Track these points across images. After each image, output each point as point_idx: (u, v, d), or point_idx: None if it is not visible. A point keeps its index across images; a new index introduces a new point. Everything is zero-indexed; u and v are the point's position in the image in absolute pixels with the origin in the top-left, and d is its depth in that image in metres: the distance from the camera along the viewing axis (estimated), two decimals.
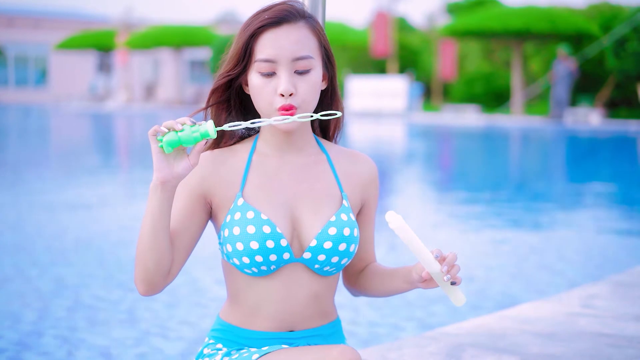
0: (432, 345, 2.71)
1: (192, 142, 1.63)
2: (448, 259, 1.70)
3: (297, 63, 1.73)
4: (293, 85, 1.72)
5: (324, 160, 1.87)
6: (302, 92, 1.73)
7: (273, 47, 1.72)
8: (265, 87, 1.73)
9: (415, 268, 1.79)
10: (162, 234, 1.69)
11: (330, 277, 1.84)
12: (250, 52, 1.75)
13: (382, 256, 4.97)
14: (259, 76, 1.74)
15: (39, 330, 3.62)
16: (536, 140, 17.80)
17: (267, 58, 1.72)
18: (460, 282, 1.72)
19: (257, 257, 1.74)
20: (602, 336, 2.86)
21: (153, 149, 1.64)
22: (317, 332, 1.85)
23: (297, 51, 1.73)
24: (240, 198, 1.77)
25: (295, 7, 1.78)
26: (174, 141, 1.63)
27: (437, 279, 1.72)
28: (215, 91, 1.82)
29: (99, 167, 11.69)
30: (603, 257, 5.47)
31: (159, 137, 1.64)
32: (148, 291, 1.74)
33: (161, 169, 1.64)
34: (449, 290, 1.74)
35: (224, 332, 1.86)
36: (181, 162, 1.66)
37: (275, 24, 1.73)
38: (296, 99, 1.73)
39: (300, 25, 1.75)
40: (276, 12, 1.74)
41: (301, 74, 1.74)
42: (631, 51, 20.05)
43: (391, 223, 1.68)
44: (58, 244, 5.63)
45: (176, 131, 1.63)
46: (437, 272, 1.71)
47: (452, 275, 1.70)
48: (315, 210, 1.80)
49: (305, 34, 1.75)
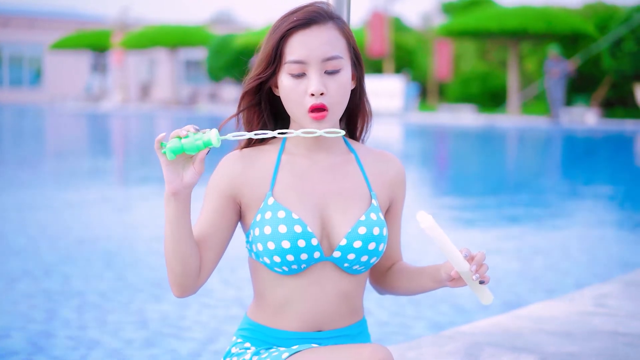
0: (449, 345, 2.71)
1: (195, 150, 1.63)
2: (477, 258, 1.71)
3: (327, 63, 1.74)
4: (324, 85, 1.73)
5: (352, 159, 1.87)
6: (333, 91, 1.74)
7: (303, 48, 1.73)
8: (296, 88, 1.74)
9: (444, 267, 1.79)
10: (184, 241, 1.72)
11: (358, 275, 1.84)
12: (281, 54, 1.75)
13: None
14: (290, 77, 1.74)
15: (50, 331, 3.62)
16: (534, 140, 17.84)
17: (298, 59, 1.73)
18: (489, 281, 1.73)
19: (289, 256, 1.74)
20: (617, 335, 2.87)
21: (161, 161, 1.66)
22: (345, 332, 1.85)
23: (326, 52, 1.74)
24: (270, 197, 1.78)
25: (323, 8, 1.79)
26: (177, 148, 1.63)
27: (466, 278, 1.73)
28: (245, 95, 1.82)
29: (98, 167, 11.67)
30: (608, 257, 5.48)
31: (163, 144, 1.64)
32: (182, 294, 1.77)
33: (171, 181, 1.67)
34: (478, 289, 1.75)
35: (252, 331, 1.86)
36: (188, 171, 1.67)
37: (305, 25, 1.74)
38: (327, 99, 1.73)
39: (329, 26, 1.76)
40: (305, 13, 1.75)
41: (331, 74, 1.75)
42: (627, 51, 20.11)
43: (422, 223, 1.69)
44: (62, 244, 5.62)
45: (179, 138, 1.63)
46: (466, 271, 1.72)
47: (480, 274, 1.71)
48: (345, 209, 1.80)
49: (334, 35, 1.76)
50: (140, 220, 6.77)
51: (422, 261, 4.78)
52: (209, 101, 36.18)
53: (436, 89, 30.47)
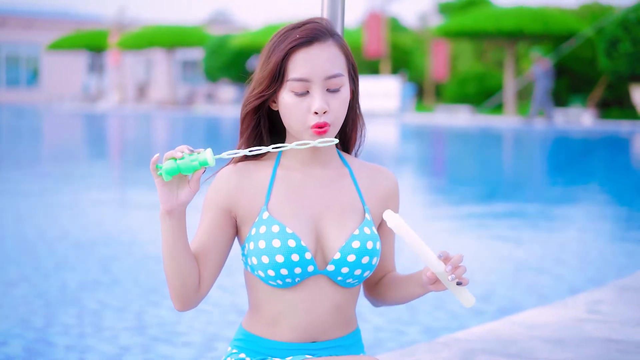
0: (445, 351, 2.74)
1: (190, 171, 1.65)
2: (453, 260, 1.71)
3: (330, 82, 1.76)
4: (326, 102, 1.76)
5: (346, 174, 1.90)
6: (335, 109, 1.77)
7: (306, 66, 1.75)
8: (299, 106, 1.76)
9: (424, 270, 1.80)
10: (181, 257, 1.75)
11: (352, 288, 1.87)
12: (283, 72, 1.77)
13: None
14: (292, 95, 1.77)
15: (46, 338, 3.64)
16: (529, 141, 17.87)
17: (301, 77, 1.75)
18: (468, 283, 1.73)
19: (282, 270, 1.77)
20: (610, 342, 2.89)
21: (156, 182, 1.68)
22: (339, 342, 1.88)
23: (329, 70, 1.76)
24: (265, 211, 1.80)
25: (323, 25, 1.81)
26: (173, 169, 1.64)
27: (443, 280, 1.72)
28: (247, 115, 1.84)
29: (94, 169, 11.68)
30: (602, 261, 5.51)
31: (158, 165, 1.66)
32: (183, 307, 1.81)
33: (166, 200, 1.69)
34: (457, 291, 1.74)
35: (247, 342, 1.88)
36: (183, 190, 1.70)
37: (307, 43, 1.76)
38: (329, 116, 1.76)
39: (330, 43, 1.79)
40: (307, 31, 1.77)
41: (333, 92, 1.77)
42: (623, 52, 20.12)
43: (389, 222, 1.70)
44: (60, 248, 5.64)
45: (175, 159, 1.65)
46: (442, 272, 1.71)
47: (457, 275, 1.70)
48: (339, 223, 1.82)
49: (335, 52, 1.79)
50: (138, 224, 6.78)
51: (416, 269, 4.79)
52: (206, 101, 36.18)
53: (433, 89, 30.50)
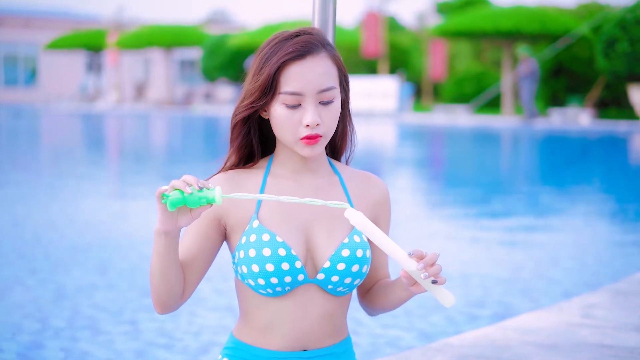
0: (437, 357, 2.74)
1: (196, 205, 1.64)
2: (426, 258, 1.67)
3: (322, 95, 1.77)
4: (319, 115, 1.76)
5: (336, 182, 1.89)
6: (327, 121, 1.78)
7: (299, 80, 1.74)
8: (291, 118, 1.76)
9: (401, 271, 1.77)
10: (171, 271, 1.75)
11: (342, 296, 1.86)
12: (276, 84, 1.76)
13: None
14: (284, 107, 1.76)
15: (40, 342, 3.63)
16: (527, 142, 17.87)
17: (294, 91, 1.75)
18: (444, 282, 1.69)
19: (272, 279, 1.76)
20: (603, 347, 2.89)
21: (159, 207, 1.66)
22: (330, 350, 1.88)
23: (322, 83, 1.76)
24: (255, 220, 1.80)
25: (316, 37, 1.80)
26: (179, 200, 1.63)
27: (417, 279, 1.68)
28: (237, 124, 1.84)
29: (92, 171, 11.67)
30: (598, 264, 5.50)
31: (165, 194, 1.65)
32: (164, 311, 1.82)
33: (165, 223, 1.68)
34: (434, 291, 1.70)
35: (238, 350, 1.88)
36: (184, 216, 1.68)
37: (300, 57, 1.75)
38: (321, 128, 1.77)
39: (322, 55, 1.78)
40: (300, 44, 1.76)
41: (325, 105, 1.77)
42: (621, 52, 20.11)
43: (352, 220, 1.66)
44: (55, 251, 5.63)
45: (182, 192, 1.63)
46: (414, 270, 1.68)
47: (430, 274, 1.67)
48: (329, 232, 1.82)
49: (328, 65, 1.78)
50: (134, 226, 6.77)
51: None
52: (204, 101, 36.17)
53: (430, 89, 30.51)
